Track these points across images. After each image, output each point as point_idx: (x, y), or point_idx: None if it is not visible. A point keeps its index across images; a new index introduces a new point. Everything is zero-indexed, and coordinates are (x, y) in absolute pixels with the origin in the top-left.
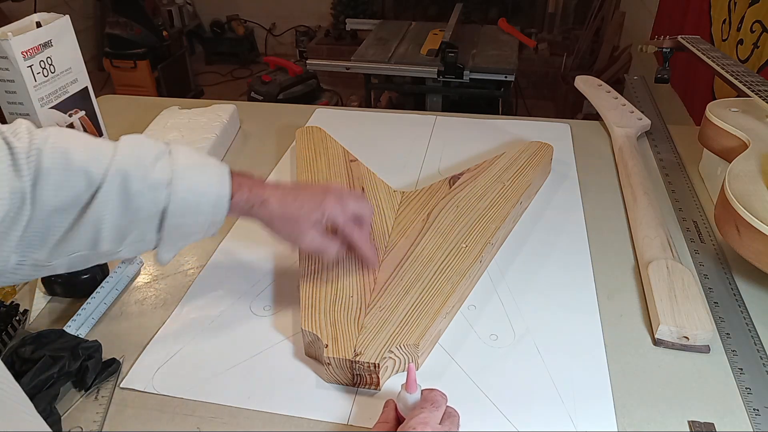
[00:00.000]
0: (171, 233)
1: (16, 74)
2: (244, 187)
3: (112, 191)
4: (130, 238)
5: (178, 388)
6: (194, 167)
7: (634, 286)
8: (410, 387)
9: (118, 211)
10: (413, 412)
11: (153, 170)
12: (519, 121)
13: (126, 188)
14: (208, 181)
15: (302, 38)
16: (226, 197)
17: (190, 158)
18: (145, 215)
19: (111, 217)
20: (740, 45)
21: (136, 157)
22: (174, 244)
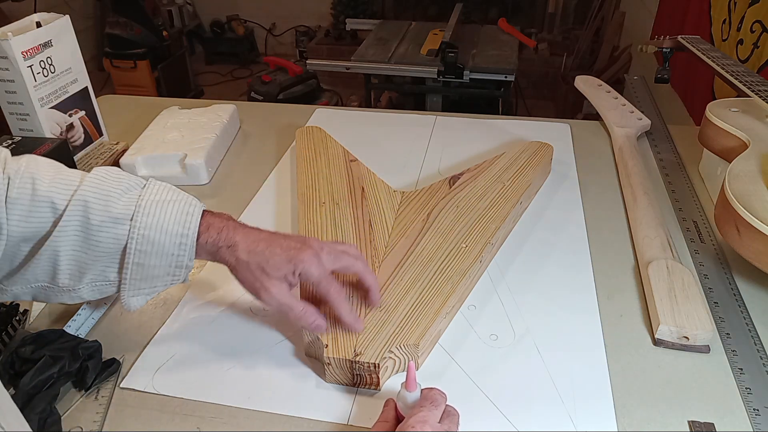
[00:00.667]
0: (133, 274)
1: (16, 74)
2: (212, 229)
3: (71, 221)
4: (89, 275)
5: (178, 388)
6: (162, 203)
7: (634, 286)
8: (410, 386)
9: (77, 243)
10: (413, 410)
11: (117, 203)
12: (519, 121)
13: (86, 219)
14: (174, 220)
15: (302, 38)
16: (191, 237)
17: (161, 194)
18: (105, 250)
19: (68, 249)
20: (740, 45)
21: (102, 189)
22: (138, 288)
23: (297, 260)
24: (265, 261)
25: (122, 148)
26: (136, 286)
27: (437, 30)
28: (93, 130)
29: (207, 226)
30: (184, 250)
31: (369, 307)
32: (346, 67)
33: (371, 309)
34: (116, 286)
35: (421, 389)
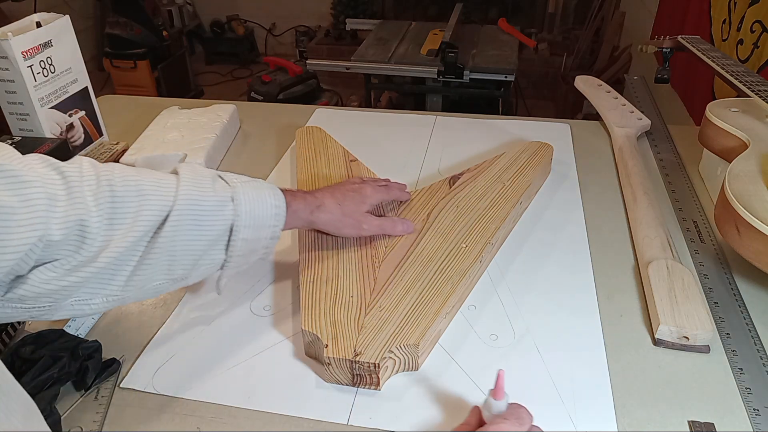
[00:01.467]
0: (238, 250)
1: (16, 74)
2: (298, 197)
3: (183, 214)
4: (202, 260)
5: (178, 388)
6: (248, 183)
7: (634, 286)
8: (497, 394)
9: (191, 232)
10: (495, 419)
11: (215, 189)
12: (519, 121)
13: (196, 209)
14: (265, 194)
15: (302, 38)
16: (283, 207)
17: (240, 177)
18: (216, 233)
19: (185, 239)
20: (740, 45)
21: (197, 181)
22: (237, 265)
23: (367, 196)
24: (352, 205)
25: (122, 148)
26: (236, 262)
27: (437, 30)
28: (93, 130)
29: (292, 195)
30: (279, 220)
31: (369, 307)
32: (346, 67)
33: (371, 309)
34: (220, 264)
35: (510, 403)
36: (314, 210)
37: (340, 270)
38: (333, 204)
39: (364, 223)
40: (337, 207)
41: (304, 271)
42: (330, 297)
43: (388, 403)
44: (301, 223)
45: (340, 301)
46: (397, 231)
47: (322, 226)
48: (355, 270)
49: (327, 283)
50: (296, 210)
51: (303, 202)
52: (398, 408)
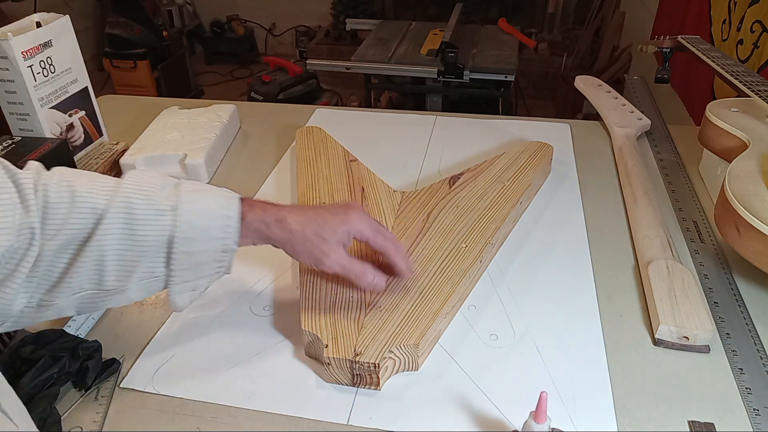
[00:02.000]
0: (180, 264)
1: (16, 74)
2: (256, 208)
3: (115, 220)
4: (137, 274)
5: (178, 388)
6: (200, 192)
7: (634, 286)
8: (539, 417)
9: (122, 242)
10: None
11: (158, 197)
12: (519, 121)
13: (130, 216)
14: (216, 203)
15: (302, 38)
16: (235, 218)
17: (197, 185)
18: (152, 244)
19: (114, 248)
20: (740, 45)
21: (141, 187)
22: (185, 280)
23: (348, 222)
24: (320, 227)
25: (122, 148)
26: (183, 277)
27: (437, 30)
28: (93, 130)
29: (250, 206)
30: (229, 232)
31: (369, 307)
32: (346, 67)
33: (371, 309)
34: (164, 281)
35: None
36: (271, 224)
37: None
38: (296, 222)
39: (325, 256)
40: (300, 226)
41: (304, 271)
42: (330, 297)
43: (388, 403)
44: (256, 237)
45: (340, 301)
46: (364, 282)
47: (277, 243)
48: None
49: (327, 283)
50: (250, 223)
51: (261, 213)
52: (398, 408)
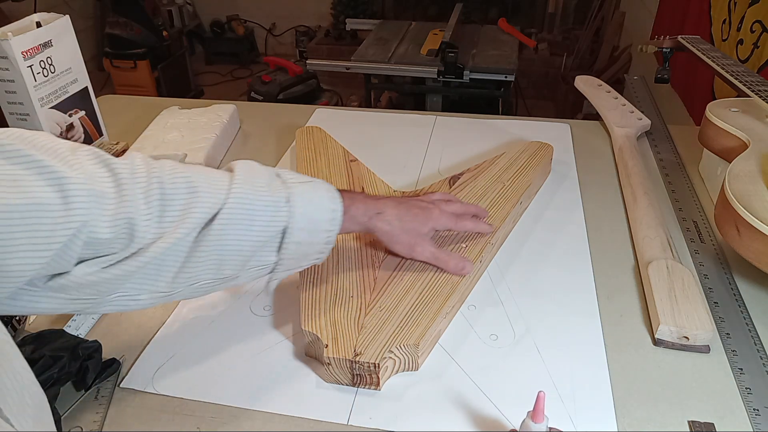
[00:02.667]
0: (290, 253)
1: (16, 74)
2: (357, 201)
3: (235, 211)
4: (252, 262)
5: (178, 388)
6: (305, 184)
7: (634, 286)
8: (537, 416)
9: (242, 232)
10: None
11: (270, 190)
12: (519, 121)
13: (250, 207)
14: (322, 196)
15: (302, 38)
16: (339, 211)
17: (298, 177)
18: (269, 235)
19: (234, 239)
20: (740, 45)
21: (252, 179)
22: (289, 268)
23: (433, 219)
24: (414, 221)
25: (122, 148)
26: (288, 265)
27: (437, 30)
28: (93, 130)
29: (351, 199)
30: (335, 225)
31: (369, 307)
32: (346, 67)
33: (371, 309)
34: (271, 268)
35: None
36: (373, 216)
37: (340, 270)
38: (394, 215)
39: (418, 246)
40: (397, 220)
41: (304, 271)
42: (330, 297)
43: (388, 403)
44: (358, 228)
45: (340, 301)
46: (450, 267)
47: (378, 234)
48: (355, 270)
49: (327, 283)
50: (354, 215)
51: (363, 206)
52: (398, 408)
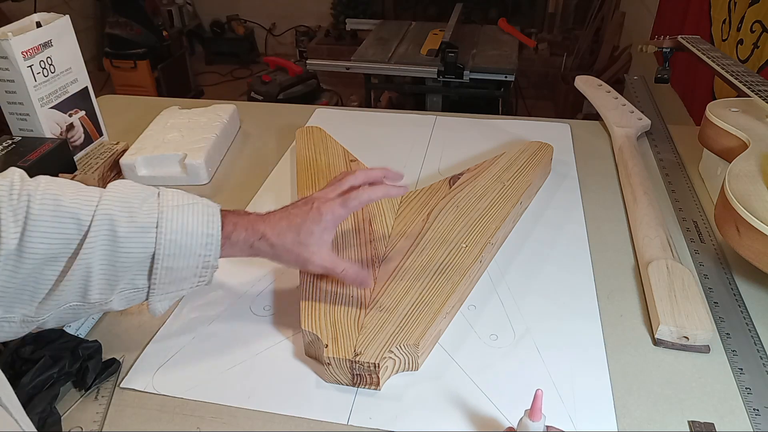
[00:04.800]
0: (162, 278)
1: (16, 74)
2: (239, 226)
3: (99, 235)
4: (120, 286)
5: (178, 388)
6: (182, 207)
7: (634, 286)
8: (534, 415)
9: (107, 256)
10: None
11: (140, 212)
12: (519, 121)
13: (113, 232)
14: (198, 221)
15: (302, 38)
16: (216, 236)
17: (178, 199)
18: (134, 260)
19: (99, 263)
20: (740, 45)
21: (123, 200)
22: (166, 292)
23: (320, 218)
24: (297, 235)
25: (122, 148)
26: (163, 290)
27: (437, 30)
28: (93, 130)
29: (234, 224)
30: (210, 250)
31: (369, 307)
32: (346, 67)
33: (371, 309)
34: (145, 293)
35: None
36: (255, 242)
37: None
38: (274, 235)
39: (310, 262)
40: (279, 239)
41: (304, 271)
42: (330, 297)
43: (388, 403)
44: (242, 253)
45: (340, 301)
46: (348, 279)
47: (263, 257)
48: None
49: (327, 282)
50: (236, 242)
51: (245, 232)
52: (398, 408)
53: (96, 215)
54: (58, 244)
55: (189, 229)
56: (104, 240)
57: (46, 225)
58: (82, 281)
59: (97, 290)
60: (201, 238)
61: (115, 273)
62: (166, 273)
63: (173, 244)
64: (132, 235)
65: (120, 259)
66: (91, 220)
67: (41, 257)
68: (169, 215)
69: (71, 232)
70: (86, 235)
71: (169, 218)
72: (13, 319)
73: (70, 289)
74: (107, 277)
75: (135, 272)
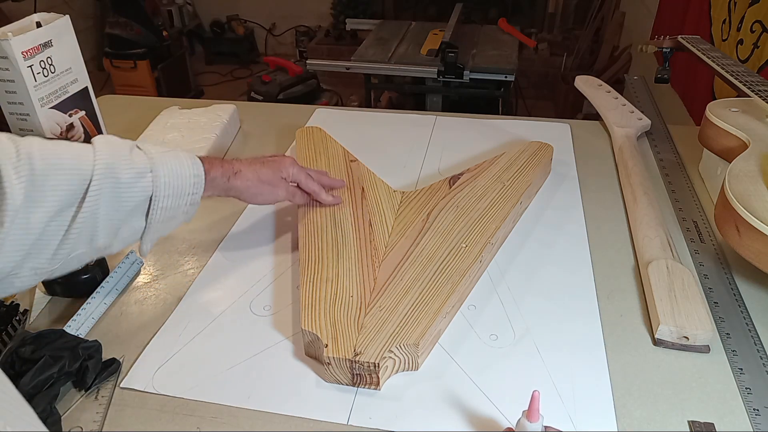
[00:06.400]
0: (157, 218)
1: (16, 74)
2: (215, 165)
3: (103, 184)
4: (123, 229)
5: (178, 388)
6: (166, 154)
7: (634, 286)
8: (532, 416)
9: (111, 203)
10: None
11: (133, 160)
12: (519, 121)
13: (115, 179)
14: (184, 164)
15: (302, 38)
16: (201, 176)
17: (157, 148)
18: (135, 203)
19: (105, 210)
20: (740, 45)
21: (115, 151)
22: (157, 231)
23: (284, 167)
24: (269, 172)
25: None
26: (157, 229)
27: (437, 30)
28: (93, 130)
29: (210, 164)
30: (198, 188)
31: (369, 307)
32: (346, 67)
33: (371, 309)
34: (140, 233)
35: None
36: (231, 177)
37: (340, 270)
38: (249, 171)
39: (279, 189)
40: (254, 173)
41: (304, 271)
42: (330, 297)
43: (388, 403)
44: (218, 190)
45: (340, 300)
46: (322, 197)
47: (238, 193)
48: (355, 270)
49: (327, 282)
50: (214, 178)
51: (220, 169)
52: (398, 408)
53: (96, 166)
54: (65, 197)
55: (178, 171)
56: (108, 188)
57: (52, 180)
58: (90, 229)
59: (102, 236)
60: (190, 179)
61: (119, 218)
62: (162, 212)
63: (167, 185)
64: (133, 180)
65: (123, 204)
66: (93, 171)
67: (50, 212)
68: (159, 160)
69: (75, 184)
70: (89, 185)
71: (159, 163)
72: (22, 273)
73: (78, 238)
74: (111, 222)
75: (135, 214)
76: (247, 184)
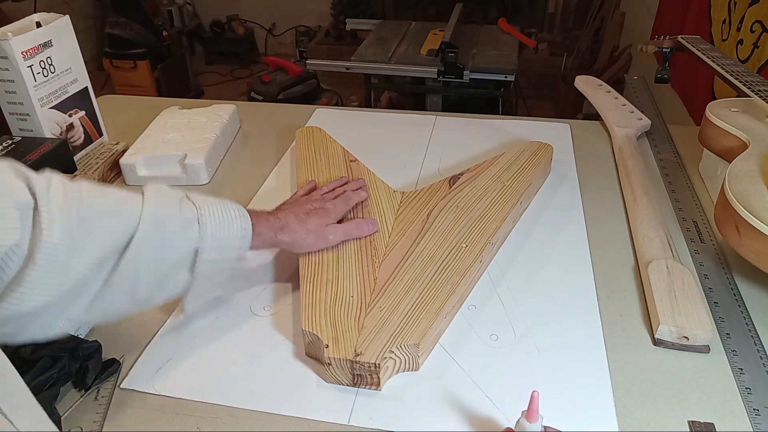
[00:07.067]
0: (203, 272)
1: (16, 74)
2: (262, 219)
3: (147, 236)
4: (166, 282)
5: (178, 388)
6: (215, 205)
7: (634, 286)
8: (531, 416)
9: (155, 255)
10: None
11: (181, 211)
12: (519, 121)
13: (161, 229)
14: (232, 216)
15: (302, 38)
16: (249, 229)
17: (207, 198)
18: (180, 255)
19: (148, 262)
20: (740, 45)
21: (164, 201)
22: (202, 287)
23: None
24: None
25: (122, 148)
26: (202, 285)
27: (437, 30)
28: (93, 130)
29: (257, 217)
30: (246, 242)
31: (370, 307)
32: (346, 67)
33: (371, 309)
34: (183, 288)
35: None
36: (278, 231)
37: (341, 270)
38: (296, 224)
39: (330, 234)
40: (301, 226)
41: (304, 271)
42: (330, 297)
43: (389, 403)
44: (265, 244)
45: (341, 301)
46: (363, 232)
47: (285, 246)
48: (355, 270)
49: (327, 283)
50: (260, 232)
51: (266, 224)
52: (398, 408)
53: (144, 214)
54: (110, 244)
55: (227, 223)
56: (153, 238)
57: (98, 228)
58: (131, 280)
59: (144, 288)
60: (237, 231)
61: (163, 270)
62: (208, 266)
63: (215, 237)
64: (179, 231)
65: (168, 256)
66: (139, 220)
67: (92, 258)
68: (206, 211)
69: (119, 234)
70: (134, 235)
71: (207, 214)
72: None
73: (120, 290)
74: (155, 275)
75: (180, 268)
76: (295, 237)
